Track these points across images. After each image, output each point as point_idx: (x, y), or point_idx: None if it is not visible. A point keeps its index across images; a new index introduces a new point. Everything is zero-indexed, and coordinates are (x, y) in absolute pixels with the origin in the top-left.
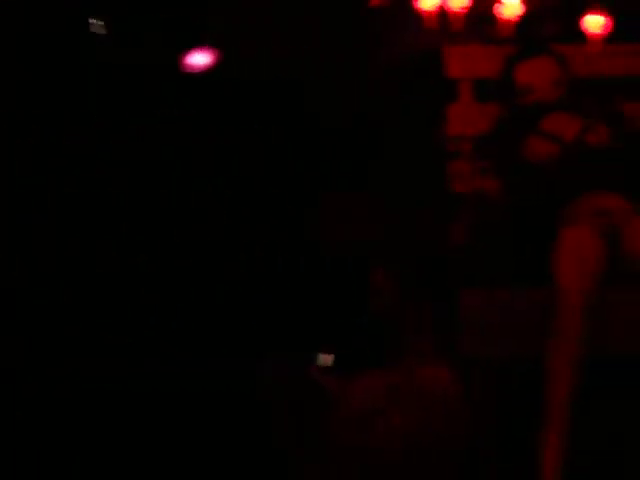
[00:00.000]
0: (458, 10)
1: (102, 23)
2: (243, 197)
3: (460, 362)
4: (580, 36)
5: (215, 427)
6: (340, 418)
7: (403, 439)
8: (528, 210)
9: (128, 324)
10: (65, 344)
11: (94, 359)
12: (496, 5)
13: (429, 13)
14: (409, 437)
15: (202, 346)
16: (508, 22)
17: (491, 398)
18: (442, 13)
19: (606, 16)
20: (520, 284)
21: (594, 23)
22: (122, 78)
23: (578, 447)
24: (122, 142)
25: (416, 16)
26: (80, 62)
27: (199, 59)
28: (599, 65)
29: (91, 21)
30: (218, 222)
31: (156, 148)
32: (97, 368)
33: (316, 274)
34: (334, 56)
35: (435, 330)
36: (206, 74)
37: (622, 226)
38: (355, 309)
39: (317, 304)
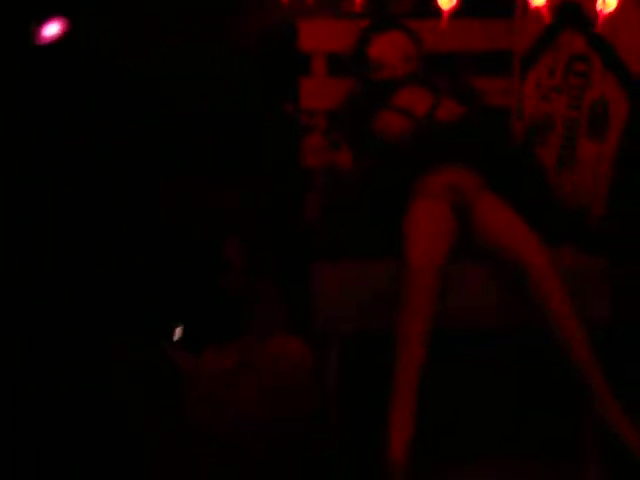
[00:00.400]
0: None
1: None
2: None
3: (313, 336)
4: (431, 11)
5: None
6: (193, 395)
7: (255, 412)
8: (379, 185)
9: None
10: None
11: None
12: None
13: None
14: (261, 410)
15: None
16: None
17: (342, 372)
18: None
19: None
20: (371, 258)
21: None
22: None
23: (426, 422)
24: None
25: None
26: None
27: (49, 29)
28: (450, 40)
29: None
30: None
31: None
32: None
33: (166, 247)
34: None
35: (287, 303)
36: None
37: (472, 202)
38: (206, 282)
39: (167, 278)
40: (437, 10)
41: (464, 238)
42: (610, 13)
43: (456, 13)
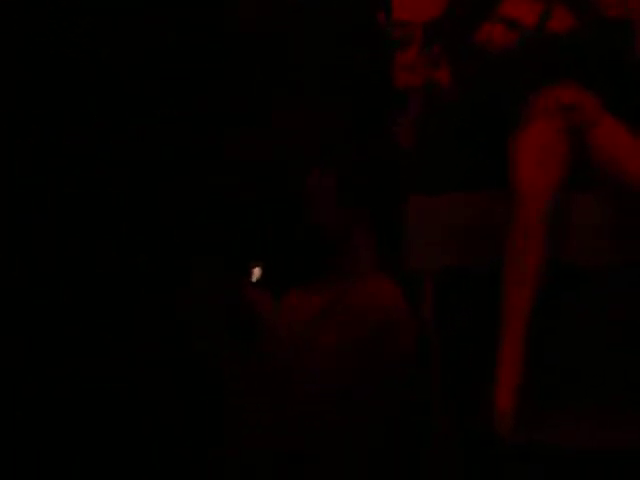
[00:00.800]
0: None
1: None
2: None
3: (406, 275)
4: None
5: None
6: (273, 338)
7: (339, 359)
8: (484, 105)
9: None
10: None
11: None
12: None
13: None
14: (345, 357)
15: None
16: None
17: (441, 315)
18: None
19: None
20: (474, 189)
21: None
22: None
23: (538, 366)
24: None
25: None
26: None
27: None
28: None
29: None
30: None
31: None
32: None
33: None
34: None
35: (377, 241)
36: None
37: (590, 124)
38: (288, 217)
39: (244, 213)
40: None
41: (579, 163)
42: None
43: None
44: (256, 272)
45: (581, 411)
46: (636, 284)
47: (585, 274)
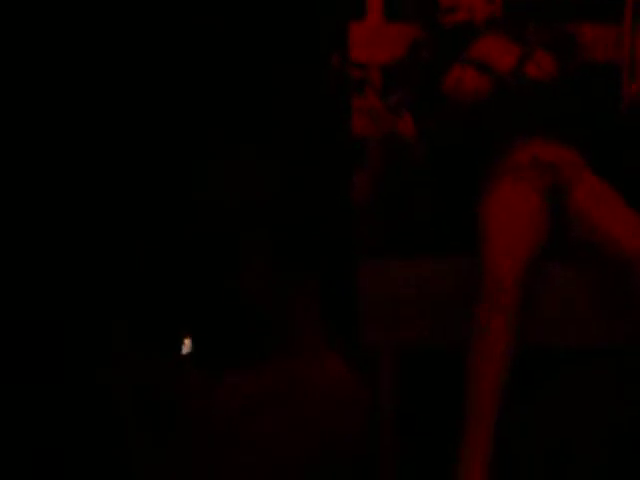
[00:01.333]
0: None
1: None
2: None
3: (359, 352)
4: None
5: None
6: (203, 421)
7: (275, 452)
8: (450, 159)
9: None
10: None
11: None
12: None
13: None
14: (283, 449)
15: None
16: None
17: (396, 397)
18: None
19: None
20: (437, 254)
21: None
22: None
23: (505, 452)
24: None
25: None
26: None
27: None
28: None
29: None
30: None
31: None
32: None
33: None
34: None
35: (326, 314)
36: None
37: (569, 184)
38: (221, 284)
39: (174, 279)
40: None
41: (557, 229)
42: None
43: None
44: (187, 344)
45: None
46: (608, 369)
47: (557, 356)
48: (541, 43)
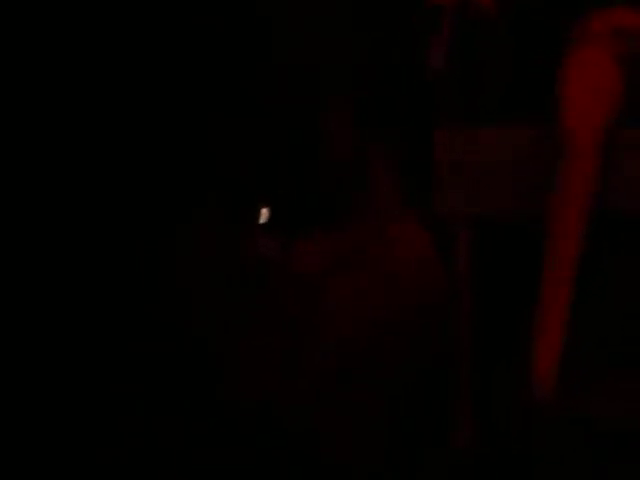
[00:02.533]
0: None
1: None
2: None
3: (436, 221)
4: None
5: None
6: (280, 288)
7: (354, 314)
8: (527, 24)
9: None
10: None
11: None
12: None
13: None
14: (362, 311)
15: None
16: None
17: (475, 266)
18: None
19: None
20: (514, 120)
21: None
22: None
23: (583, 327)
24: None
25: None
26: None
27: None
28: None
29: None
30: None
31: None
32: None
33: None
34: None
35: (403, 181)
36: None
37: None
38: (298, 152)
39: (252, 147)
40: None
41: (634, 96)
42: None
43: None
44: (264, 213)
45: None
46: None
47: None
48: None
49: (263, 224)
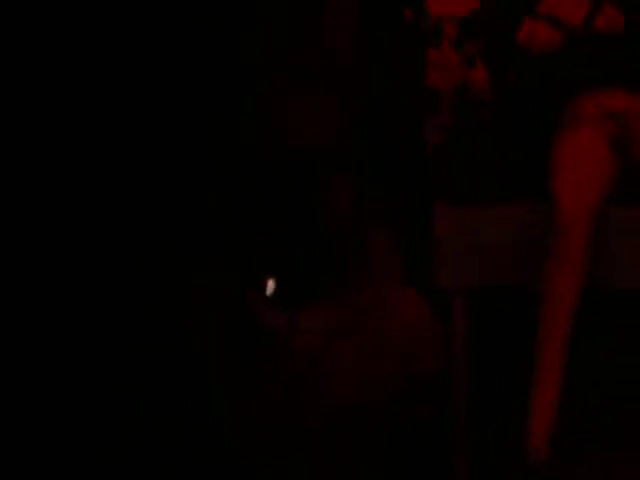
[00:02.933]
0: None
1: None
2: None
3: (433, 293)
4: None
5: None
6: (285, 356)
7: (356, 381)
8: (521, 108)
9: None
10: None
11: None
12: None
13: None
14: (363, 379)
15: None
16: None
17: (471, 335)
18: None
19: None
20: (508, 200)
21: None
22: None
23: (574, 392)
24: None
25: None
26: None
27: None
28: None
29: None
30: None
31: None
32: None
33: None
34: None
35: (402, 254)
36: None
37: (635, 132)
38: (303, 225)
39: (257, 222)
40: None
41: (623, 175)
42: None
43: None
44: (270, 285)
45: (618, 450)
46: None
47: (626, 298)
48: None
49: (269, 296)
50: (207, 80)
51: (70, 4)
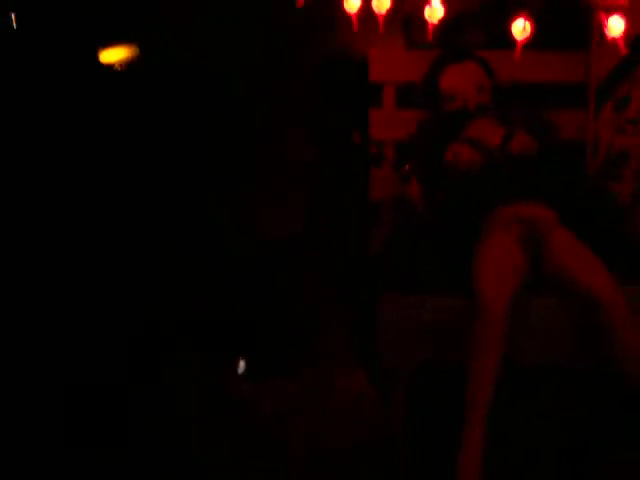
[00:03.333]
0: (382, 13)
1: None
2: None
3: (377, 369)
4: (504, 42)
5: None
6: (249, 424)
7: (306, 448)
8: (449, 218)
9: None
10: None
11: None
12: (420, 9)
13: (353, 15)
14: (313, 446)
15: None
16: (432, 26)
17: (408, 407)
18: (366, 16)
19: (530, 22)
20: (439, 291)
21: (518, 29)
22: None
23: (496, 452)
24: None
25: (341, 18)
26: None
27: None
28: (524, 72)
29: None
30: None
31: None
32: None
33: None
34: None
35: (351, 336)
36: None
37: (544, 235)
38: (265, 310)
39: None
40: (510, 41)
41: (534, 270)
42: None
43: (530, 44)
44: (241, 365)
45: None
46: (591, 383)
47: (537, 373)
48: (522, 125)
49: (241, 372)
50: None
51: None
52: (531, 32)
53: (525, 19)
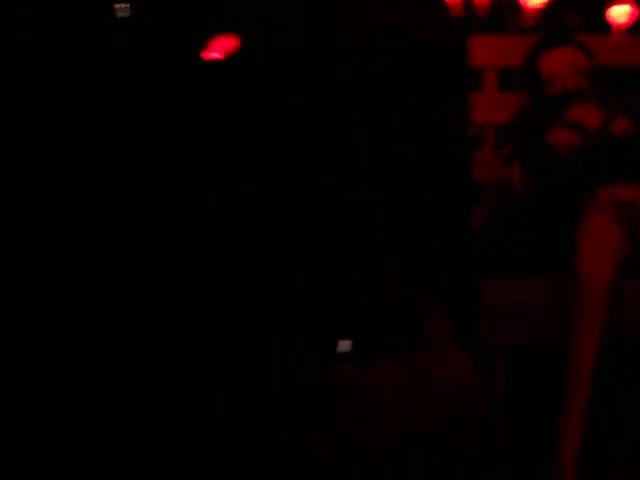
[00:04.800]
0: None
1: (127, 6)
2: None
3: (479, 350)
4: (604, 26)
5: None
6: (352, 407)
7: (412, 431)
8: (550, 199)
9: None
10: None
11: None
12: None
13: (454, 1)
14: (418, 428)
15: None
16: (533, 11)
17: (510, 385)
18: (467, 2)
19: (632, 6)
20: (540, 272)
21: (619, 13)
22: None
23: (596, 436)
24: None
25: (442, 4)
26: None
27: (219, 45)
28: (623, 55)
29: (116, 6)
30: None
31: (179, 134)
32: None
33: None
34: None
35: (452, 318)
36: (224, 60)
37: None
38: (366, 294)
39: (327, 286)
40: (610, 24)
41: (634, 254)
42: None
43: (631, 28)
44: (344, 345)
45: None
46: None
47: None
48: (622, 108)
49: (342, 352)
50: None
51: None
52: (633, 16)
53: (627, 3)
